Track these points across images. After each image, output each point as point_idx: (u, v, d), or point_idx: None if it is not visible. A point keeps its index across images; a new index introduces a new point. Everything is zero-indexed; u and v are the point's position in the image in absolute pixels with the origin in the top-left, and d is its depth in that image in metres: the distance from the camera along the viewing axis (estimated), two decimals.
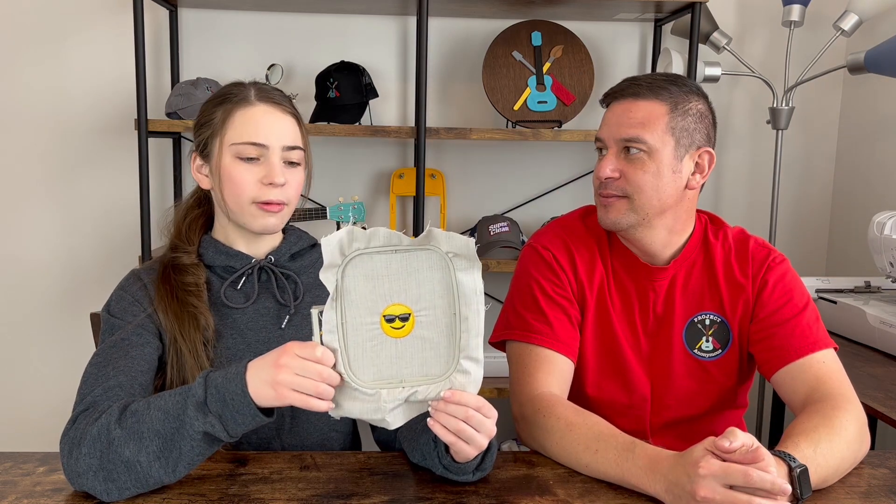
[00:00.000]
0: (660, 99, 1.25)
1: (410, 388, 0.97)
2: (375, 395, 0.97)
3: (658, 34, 2.51)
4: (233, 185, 1.20)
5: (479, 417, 0.97)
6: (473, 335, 0.97)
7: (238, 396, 0.96)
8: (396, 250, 0.95)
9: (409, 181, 2.48)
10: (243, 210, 1.21)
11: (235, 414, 0.97)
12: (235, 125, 1.20)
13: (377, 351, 0.97)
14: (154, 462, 0.98)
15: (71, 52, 2.42)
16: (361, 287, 0.96)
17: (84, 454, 0.99)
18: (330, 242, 0.94)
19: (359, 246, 0.95)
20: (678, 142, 1.25)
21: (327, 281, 0.95)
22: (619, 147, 1.26)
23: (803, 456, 1.02)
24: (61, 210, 2.49)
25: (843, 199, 2.63)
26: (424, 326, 0.97)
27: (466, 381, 0.97)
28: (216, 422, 0.97)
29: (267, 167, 1.19)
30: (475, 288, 0.96)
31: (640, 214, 1.27)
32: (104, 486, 0.98)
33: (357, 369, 0.97)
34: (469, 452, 0.99)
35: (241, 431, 0.99)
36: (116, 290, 1.23)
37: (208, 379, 0.99)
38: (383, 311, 0.97)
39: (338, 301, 0.96)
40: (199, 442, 0.98)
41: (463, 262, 0.96)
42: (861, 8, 2.25)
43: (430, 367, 0.97)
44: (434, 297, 0.97)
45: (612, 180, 1.27)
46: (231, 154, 1.20)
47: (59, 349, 2.53)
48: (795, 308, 1.28)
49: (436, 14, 2.41)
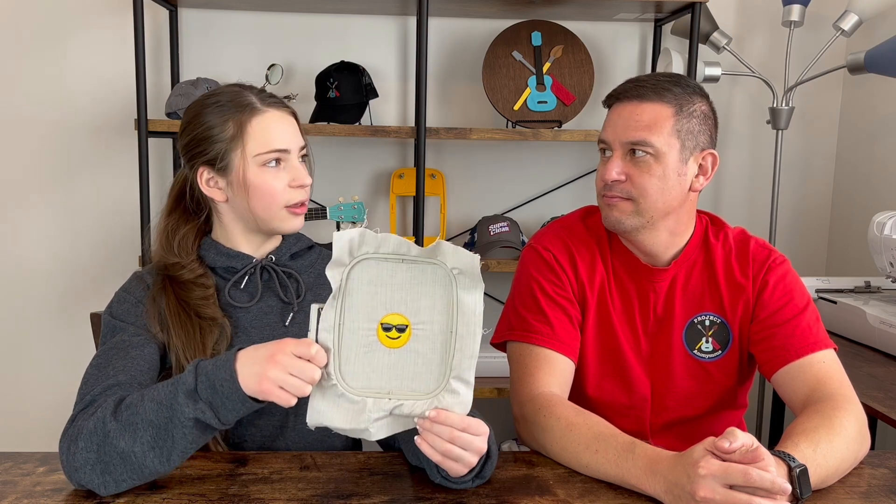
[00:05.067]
0: (665, 101, 1.24)
1: (397, 401, 0.96)
2: (361, 402, 0.96)
3: (658, 34, 2.51)
4: (264, 194, 1.20)
5: (467, 437, 0.96)
6: (467, 356, 0.95)
7: (227, 383, 0.97)
8: (404, 260, 0.95)
9: (409, 181, 2.48)
10: (274, 216, 1.22)
11: (225, 400, 0.98)
12: (254, 135, 1.20)
13: (370, 358, 0.96)
14: (148, 452, 0.98)
15: (71, 53, 2.42)
16: (364, 291, 0.96)
17: (81, 448, 1.00)
18: (341, 239, 0.94)
19: (368, 249, 0.95)
20: (683, 144, 1.25)
21: (332, 278, 0.95)
22: (624, 149, 1.25)
23: (803, 456, 1.02)
24: (61, 210, 2.49)
25: (843, 199, 2.63)
26: (420, 340, 0.96)
27: (454, 402, 0.96)
28: (206, 408, 0.98)
29: (291, 171, 1.22)
30: (475, 309, 0.95)
31: (645, 217, 1.26)
32: (101, 478, 0.99)
33: (347, 373, 0.96)
34: (459, 470, 0.99)
35: (233, 418, 1.00)
36: (119, 292, 1.23)
37: (199, 367, 1.00)
38: (381, 319, 0.96)
39: (339, 301, 0.96)
40: (192, 429, 0.99)
41: (467, 280, 0.95)
42: (861, 8, 2.25)
43: (420, 382, 0.97)
44: (433, 312, 0.96)
45: (618, 183, 1.26)
46: (256, 164, 1.20)
47: (59, 349, 2.53)
48: (796, 308, 1.28)
49: (436, 14, 2.41)
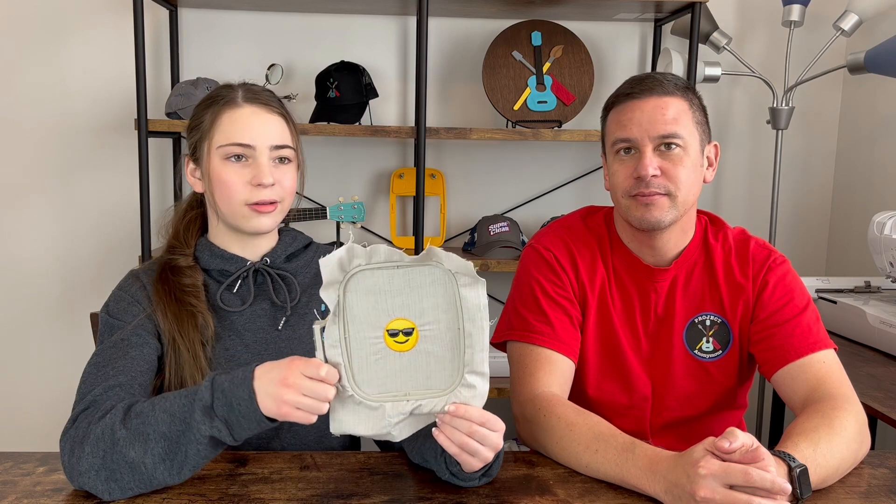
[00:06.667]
0: (681, 95, 1.26)
1: (415, 402, 0.96)
2: (380, 408, 0.96)
3: (658, 34, 2.51)
4: (223, 187, 1.20)
5: (484, 431, 0.96)
6: (478, 350, 0.96)
7: (245, 402, 0.96)
8: (399, 266, 0.94)
9: (409, 181, 2.48)
10: (235, 212, 1.21)
11: (241, 419, 0.97)
12: (222, 127, 1.20)
13: (381, 364, 0.96)
14: (159, 464, 0.98)
15: (71, 52, 2.42)
16: (364, 302, 0.95)
17: (87, 453, 0.99)
18: (329, 262, 0.93)
19: (359, 262, 0.94)
20: (700, 136, 1.27)
21: (328, 299, 0.94)
22: (654, 144, 1.25)
23: (803, 456, 1.02)
24: (61, 210, 2.49)
25: (843, 199, 2.63)
26: (429, 341, 0.96)
27: (471, 395, 0.96)
28: (222, 426, 0.97)
29: (255, 168, 1.19)
30: (479, 304, 0.95)
31: (680, 210, 1.26)
32: (106, 485, 0.99)
33: (361, 382, 0.96)
34: (474, 464, 0.99)
35: (246, 436, 0.99)
36: (115, 291, 1.24)
37: (215, 383, 0.99)
38: (386, 326, 0.96)
39: (340, 316, 0.95)
40: (206, 445, 0.98)
41: (466, 278, 0.94)
42: (861, 8, 2.25)
43: (435, 380, 0.97)
44: (438, 311, 0.95)
45: (654, 179, 1.25)
46: (219, 156, 1.20)
47: (59, 349, 2.53)
48: (796, 308, 1.28)
49: (436, 14, 2.41)
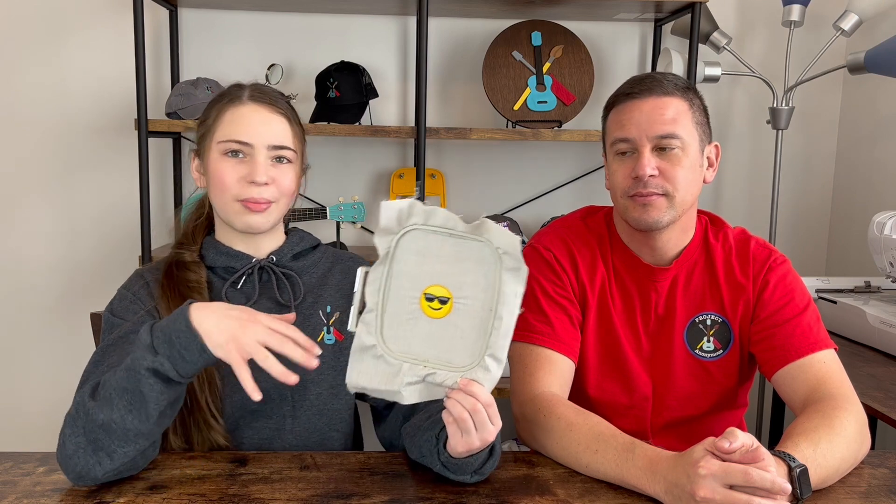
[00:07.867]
0: (680, 95, 1.26)
1: (431, 369, 0.98)
2: (398, 366, 0.98)
3: (658, 34, 2.51)
4: (217, 181, 1.21)
5: (484, 416, 0.98)
6: (503, 335, 0.97)
7: (183, 333, 0.98)
8: (451, 234, 0.97)
9: (409, 181, 2.48)
10: (227, 207, 1.22)
11: (183, 351, 0.98)
12: (224, 123, 1.22)
13: (411, 325, 0.98)
14: (127, 415, 0.99)
15: (71, 52, 2.42)
16: (411, 260, 0.98)
17: (69, 435, 1.01)
18: (390, 208, 0.96)
19: (416, 220, 0.97)
20: (700, 137, 1.27)
21: (380, 244, 0.97)
22: (652, 145, 1.25)
23: (803, 456, 1.02)
24: (61, 210, 2.49)
25: (843, 199, 2.63)
26: (460, 315, 0.98)
27: (485, 378, 0.98)
28: (164, 360, 0.98)
29: (251, 165, 1.20)
30: (516, 290, 0.97)
31: (678, 211, 1.27)
32: (95, 457, 1.00)
33: (388, 337, 0.98)
34: (459, 444, 1.00)
35: (192, 370, 1.00)
36: (119, 290, 1.25)
37: (154, 325, 1.01)
38: (425, 289, 0.98)
39: (386, 266, 0.98)
40: (156, 381, 0.99)
41: (511, 261, 0.96)
42: (861, 8, 2.25)
43: (455, 355, 0.98)
44: (476, 289, 0.97)
45: (652, 179, 1.25)
46: (218, 151, 1.22)
47: (59, 349, 2.53)
48: (796, 308, 1.28)
49: (436, 14, 2.41)
